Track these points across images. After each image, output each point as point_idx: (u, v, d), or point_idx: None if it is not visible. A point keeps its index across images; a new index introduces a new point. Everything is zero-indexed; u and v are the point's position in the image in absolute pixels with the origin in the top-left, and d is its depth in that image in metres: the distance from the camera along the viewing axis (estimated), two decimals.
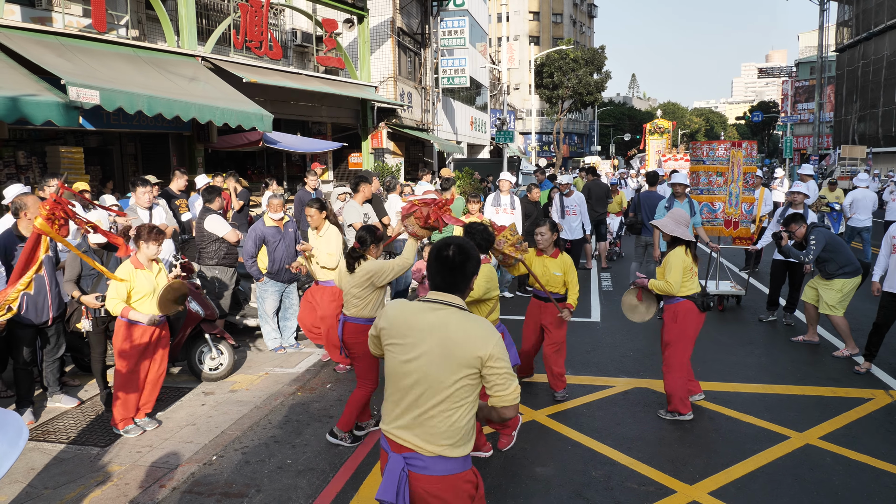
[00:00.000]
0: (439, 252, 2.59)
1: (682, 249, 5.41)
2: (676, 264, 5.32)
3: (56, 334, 5.77)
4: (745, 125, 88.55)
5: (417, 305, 2.60)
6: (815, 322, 7.61)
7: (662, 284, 5.37)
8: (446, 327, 2.50)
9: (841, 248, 7.11)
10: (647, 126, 27.59)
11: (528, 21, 67.69)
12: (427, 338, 2.51)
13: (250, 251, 6.96)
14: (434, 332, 2.51)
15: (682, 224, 5.33)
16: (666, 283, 5.34)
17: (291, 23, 16.95)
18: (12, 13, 10.01)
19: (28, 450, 5.00)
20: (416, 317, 2.56)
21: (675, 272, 5.31)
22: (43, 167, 10.77)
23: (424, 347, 2.51)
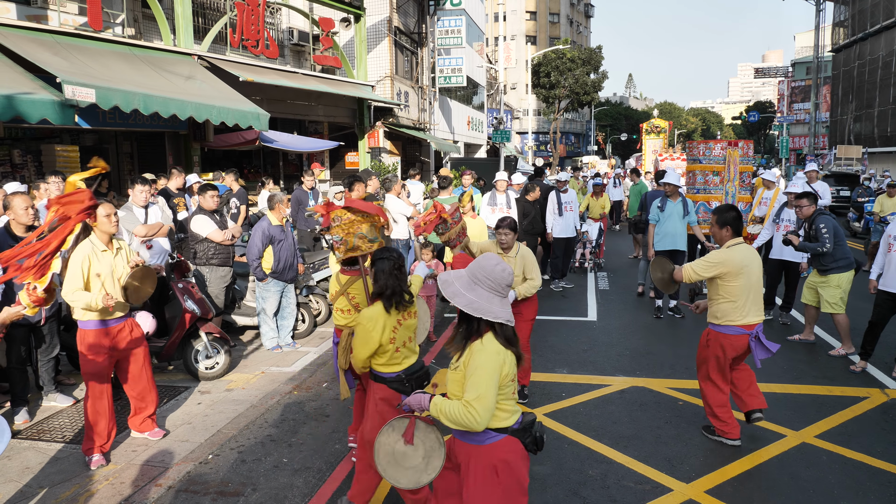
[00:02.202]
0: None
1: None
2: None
3: (50, 333, 5.75)
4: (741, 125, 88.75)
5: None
6: (813, 322, 7.62)
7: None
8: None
9: (842, 239, 7.08)
10: (644, 126, 27.63)
11: (525, 21, 67.73)
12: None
13: (259, 251, 6.91)
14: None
15: (493, 291, 2.78)
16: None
17: (288, 22, 16.93)
18: (8, 11, 9.98)
19: (23, 449, 4.98)
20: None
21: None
22: (38, 166, 10.74)
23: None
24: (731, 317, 4.83)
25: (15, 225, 5.38)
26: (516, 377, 2.86)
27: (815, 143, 50.39)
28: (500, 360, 2.71)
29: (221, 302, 7.23)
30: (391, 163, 20.74)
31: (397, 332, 3.76)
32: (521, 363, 2.83)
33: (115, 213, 4.68)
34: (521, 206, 10.11)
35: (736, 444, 4.96)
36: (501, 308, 2.74)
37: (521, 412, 2.89)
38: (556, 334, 8.12)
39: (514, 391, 2.84)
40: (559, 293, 10.55)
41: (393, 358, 3.79)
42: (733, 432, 4.98)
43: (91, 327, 4.64)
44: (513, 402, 2.83)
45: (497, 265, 2.77)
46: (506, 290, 2.76)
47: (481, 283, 2.74)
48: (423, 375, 3.92)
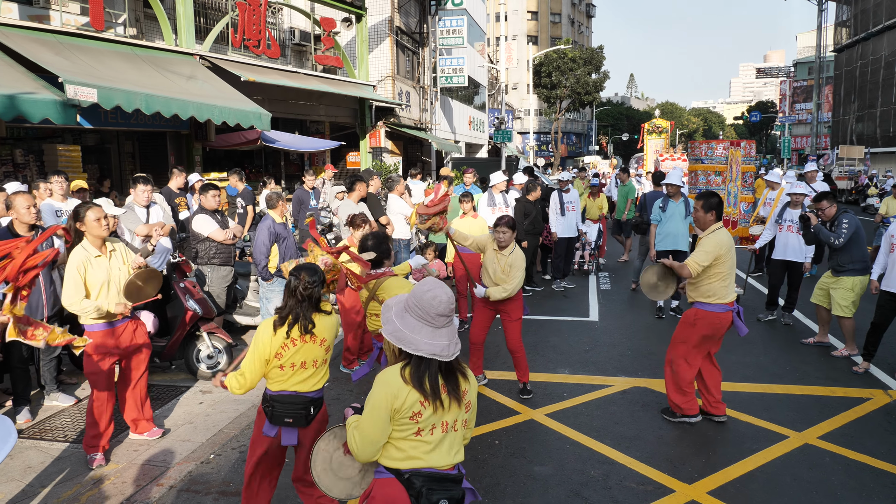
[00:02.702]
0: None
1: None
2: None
3: None
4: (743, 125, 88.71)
5: None
6: (826, 324, 7.48)
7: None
8: None
9: (862, 240, 6.98)
10: (646, 126, 27.61)
11: (527, 21, 67.69)
12: None
13: (266, 248, 6.88)
14: None
15: (422, 320, 2.54)
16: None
17: (290, 21, 16.93)
18: (10, 11, 9.99)
19: (25, 448, 4.98)
20: None
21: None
22: (40, 165, 10.75)
23: None
24: (720, 295, 5.15)
25: (18, 224, 5.38)
26: (442, 422, 2.53)
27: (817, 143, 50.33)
28: (391, 394, 2.45)
29: (223, 301, 7.22)
30: (392, 163, 20.74)
31: (286, 351, 3.37)
32: (443, 403, 2.50)
33: (104, 217, 4.65)
34: (522, 205, 10.10)
35: (696, 420, 5.35)
36: (431, 339, 2.46)
37: (436, 466, 2.54)
38: (557, 334, 8.11)
39: (420, 433, 2.50)
40: (560, 293, 10.54)
41: (274, 374, 3.42)
42: (693, 408, 5.34)
43: (98, 329, 4.64)
44: (422, 445, 2.51)
45: (427, 292, 2.49)
46: (439, 319, 2.48)
47: (411, 311, 2.52)
48: (290, 410, 3.43)
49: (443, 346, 2.47)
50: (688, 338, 5.30)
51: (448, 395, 2.51)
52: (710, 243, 5.11)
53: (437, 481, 2.53)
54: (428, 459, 2.53)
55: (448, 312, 2.51)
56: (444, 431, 2.55)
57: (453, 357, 2.51)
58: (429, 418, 2.49)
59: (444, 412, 2.52)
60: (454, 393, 2.53)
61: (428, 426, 2.50)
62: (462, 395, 2.57)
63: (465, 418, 2.62)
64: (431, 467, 2.54)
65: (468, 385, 2.62)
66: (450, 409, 2.53)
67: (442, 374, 2.52)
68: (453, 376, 2.54)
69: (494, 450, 4.91)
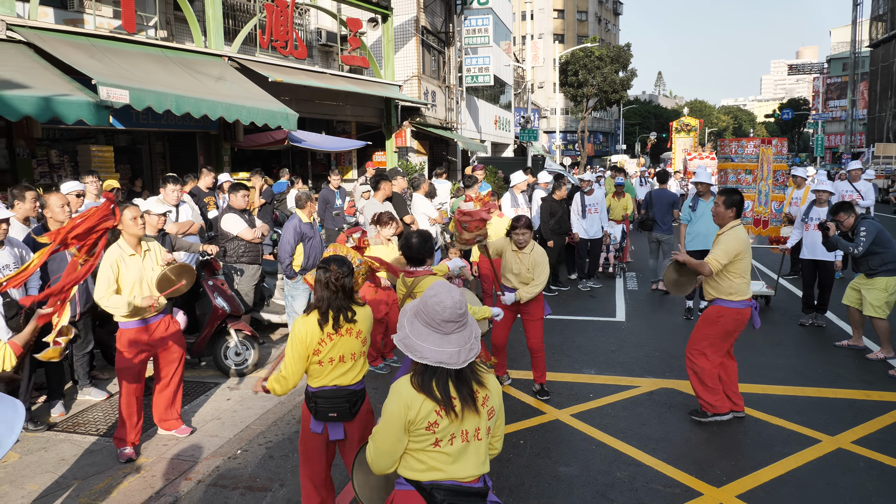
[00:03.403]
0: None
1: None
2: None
3: (85, 329, 5.87)
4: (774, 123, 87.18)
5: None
6: (860, 326, 7.30)
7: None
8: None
9: (889, 243, 6.82)
10: (674, 124, 27.27)
11: (553, 19, 67.35)
12: None
13: (291, 248, 6.95)
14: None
15: (429, 326, 2.49)
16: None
17: (316, 22, 17.05)
18: (46, 15, 10.21)
19: (59, 441, 5.09)
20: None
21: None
22: (74, 166, 10.97)
23: None
24: (742, 291, 5.18)
25: (52, 223, 5.50)
26: (462, 431, 2.41)
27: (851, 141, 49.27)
28: (404, 405, 2.36)
29: (251, 299, 7.31)
30: (418, 162, 20.76)
31: (323, 347, 3.35)
32: (456, 412, 2.39)
33: (141, 216, 4.73)
34: (547, 204, 10.05)
35: (727, 417, 5.33)
36: (438, 346, 2.37)
37: (458, 479, 2.44)
38: (583, 334, 8.06)
39: (439, 443, 2.40)
40: (587, 293, 10.47)
41: (313, 371, 3.41)
42: (724, 405, 5.32)
43: (130, 325, 4.72)
44: (441, 456, 2.41)
45: (433, 297, 2.41)
46: (446, 325, 2.38)
47: (419, 317, 2.43)
48: (333, 405, 3.41)
49: (450, 353, 2.36)
50: (708, 335, 5.28)
51: (462, 404, 2.38)
52: (730, 240, 5.12)
53: (459, 495, 2.42)
54: (449, 471, 2.42)
55: (456, 318, 2.38)
56: (466, 441, 2.42)
57: (464, 364, 2.37)
58: (446, 428, 2.37)
59: (460, 421, 2.39)
60: (468, 401, 2.39)
61: (446, 436, 2.38)
62: (481, 403, 2.44)
63: (488, 426, 2.48)
64: (453, 479, 2.42)
65: (487, 392, 2.47)
66: (466, 417, 2.40)
67: (453, 382, 2.39)
68: (466, 384, 2.41)
69: (519, 449, 4.89)
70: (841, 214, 7.09)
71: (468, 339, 2.41)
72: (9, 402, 1.03)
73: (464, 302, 2.44)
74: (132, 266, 4.67)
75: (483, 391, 2.46)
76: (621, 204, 12.07)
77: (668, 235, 10.26)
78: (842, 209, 7.13)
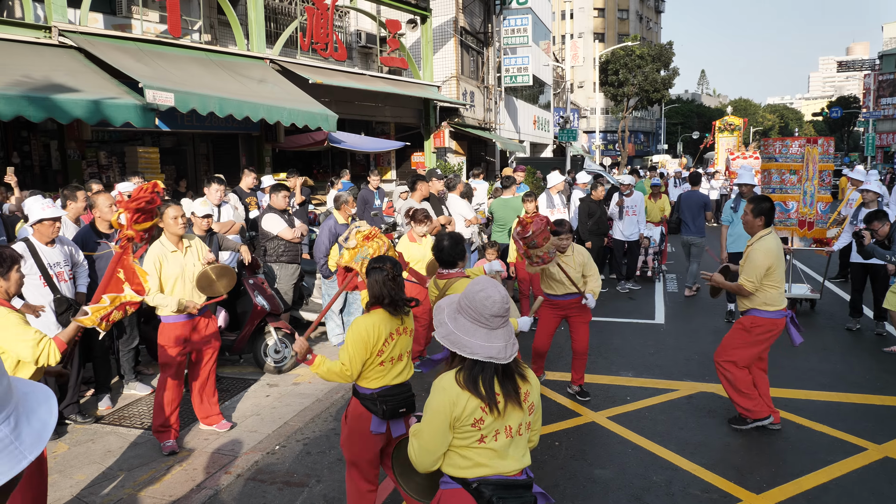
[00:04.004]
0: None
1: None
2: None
3: (131, 325, 6.06)
4: (822, 122, 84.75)
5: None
6: None
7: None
8: None
9: None
10: (717, 123, 26.74)
11: (593, 18, 66.69)
12: None
13: (326, 248, 7.08)
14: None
15: (476, 321, 2.47)
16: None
17: (356, 24, 17.23)
18: (96, 21, 10.55)
19: (105, 433, 5.27)
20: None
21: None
22: (122, 167, 11.31)
23: None
24: (777, 302, 5.04)
25: (100, 222, 5.69)
26: (506, 427, 2.40)
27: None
28: (449, 402, 2.36)
29: (290, 298, 7.43)
30: (456, 162, 20.80)
31: (387, 346, 3.39)
32: (512, 407, 2.39)
33: (182, 215, 4.86)
34: (586, 205, 9.97)
35: (767, 422, 5.14)
36: (486, 342, 2.36)
37: (503, 473, 2.42)
38: (621, 336, 7.98)
39: (484, 439, 2.39)
40: (625, 295, 10.36)
41: (374, 372, 3.43)
42: (762, 409, 5.13)
43: (172, 321, 4.86)
44: (486, 452, 2.40)
45: (480, 292, 2.39)
46: (494, 320, 2.37)
47: (464, 312, 2.41)
48: (401, 400, 3.48)
49: (499, 348, 2.35)
50: (742, 343, 5.16)
51: (505, 399, 2.38)
52: (759, 255, 4.96)
53: (507, 489, 2.41)
54: (495, 466, 2.41)
55: (503, 313, 2.38)
56: (509, 437, 2.41)
57: (510, 359, 2.38)
58: (491, 424, 2.37)
59: (504, 417, 2.38)
60: (512, 396, 2.39)
61: (491, 432, 2.38)
62: (523, 398, 2.44)
63: (528, 421, 2.49)
64: (499, 474, 2.41)
65: (529, 386, 2.48)
66: (510, 413, 2.39)
67: (498, 378, 2.38)
68: (511, 379, 2.41)
69: (554, 451, 4.87)
70: (875, 223, 6.97)
71: (511, 334, 2.42)
72: (47, 406, 1.05)
73: (508, 296, 2.45)
74: (174, 262, 4.81)
75: (525, 386, 2.47)
76: (658, 205, 11.79)
77: (700, 238, 10.08)
78: (876, 217, 7.01)
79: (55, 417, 1.03)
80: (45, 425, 1.00)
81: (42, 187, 8.91)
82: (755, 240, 5.09)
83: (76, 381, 5.45)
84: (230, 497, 4.29)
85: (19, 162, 10.28)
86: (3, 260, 3.33)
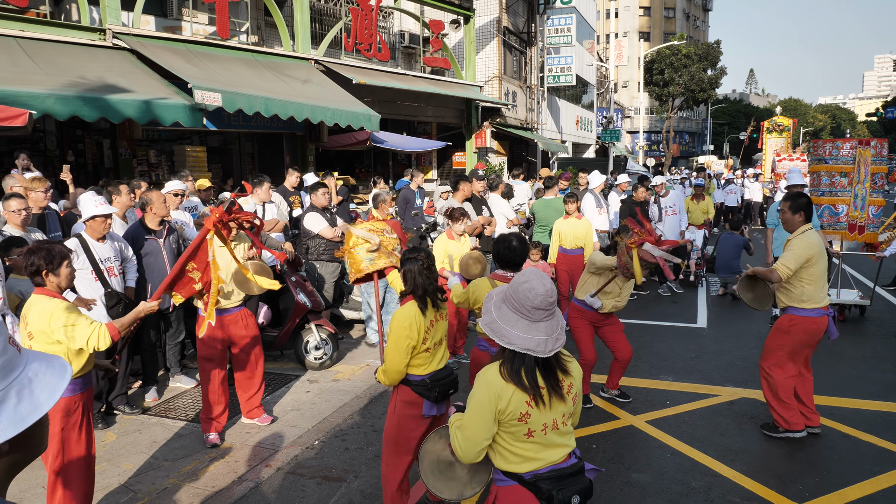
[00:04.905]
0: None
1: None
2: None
3: (177, 320, 6.24)
4: (877, 122, 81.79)
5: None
6: None
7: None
8: None
9: None
10: (765, 124, 26.08)
11: (639, 17, 65.75)
12: None
13: None
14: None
15: (518, 312, 2.50)
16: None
17: (400, 25, 17.35)
18: (148, 23, 10.88)
19: (152, 424, 5.44)
20: None
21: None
22: (171, 165, 11.63)
23: None
24: (816, 299, 4.92)
25: (151, 218, 5.86)
26: (552, 419, 2.43)
27: None
28: (494, 394, 2.37)
29: (331, 296, 7.54)
30: (497, 162, 20.77)
31: (429, 334, 3.52)
32: (552, 402, 2.41)
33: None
34: (627, 206, 9.86)
35: (801, 434, 5.03)
36: (526, 333, 2.36)
37: (554, 463, 2.47)
38: (661, 340, 7.87)
39: (532, 434, 2.41)
40: (668, 298, 10.21)
41: (421, 359, 3.53)
42: (798, 422, 5.03)
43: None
44: (535, 445, 2.43)
45: (524, 283, 2.39)
46: (535, 312, 2.36)
47: (507, 302, 2.43)
48: (449, 383, 3.62)
49: (538, 341, 2.34)
50: (782, 346, 5.04)
51: (549, 392, 2.40)
52: (800, 245, 4.85)
53: (563, 479, 2.44)
54: (546, 458, 2.44)
55: (546, 306, 2.37)
56: (556, 428, 2.44)
57: (551, 354, 2.37)
58: (538, 418, 2.39)
59: (549, 410, 2.40)
60: (555, 390, 2.41)
61: (539, 427, 2.40)
62: (566, 391, 2.45)
63: (572, 411, 2.51)
64: (551, 465, 2.45)
65: (571, 378, 2.49)
66: (554, 406, 2.42)
67: (540, 371, 2.39)
68: (552, 373, 2.42)
69: (592, 454, 4.85)
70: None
71: (555, 329, 2.41)
72: (59, 368, 1.16)
73: (555, 290, 2.44)
74: (221, 256, 4.87)
75: (568, 379, 2.48)
76: (700, 207, 11.41)
77: (734, 276, 9.94)
78: None
79: (54, 397, 1.14)
80: (27, 412, 1.09)
81: (95, 185, 9.22)
82: (797, 234, 4.97)
83: (125, 373, 5.64)
84: (270, 490, 4.39)
85: (74, 160, 10.66)
86: (53, 256, 3.48)
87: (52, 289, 3.51)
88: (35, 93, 7.42)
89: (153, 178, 10.92)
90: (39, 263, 3.45)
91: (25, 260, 3.47)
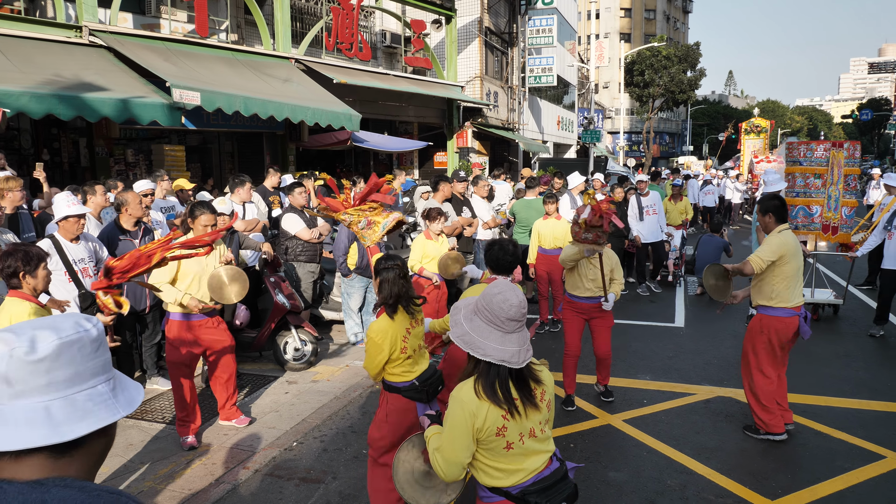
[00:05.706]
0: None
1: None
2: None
3: (153, 321, 6.18)
4: (852, 124, 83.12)
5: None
6: None
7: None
8: None
9: None
10: (743, 125, 26.38)
11: (620, 18, 66.18)
12: None
13: (345, 247, 7.15)
14: None
15: (491, 323, 2.48)
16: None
17: (381, 24, 17.32)
18: (125, 21, 10.75)
19: (128, 427, 5.38)
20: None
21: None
22: (149, 164, 11.51)
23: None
24: (785, 298, 4.95)
25: (126, 219, 5.80)
26: (529, 429, 2.43)
27: None
28: (469, 413, 2.35)
29: (309, 296, 7.51)
30: (479, 162, 20.82)
31: (407, 341, 3.55)
32: (527, 415, 2.42)
33: (213, 224, 4.93)
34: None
35: (782, 437, 5.05)
36: (500, 345, 2.35)
37: (537, 471, 2.47)
38: (640, 339, 7.94)
39: (511, 446, 2.40)
40: (646, 297, 10.30)
41: (404, 366, 3.59)
42: (778, 426, 5.06)
43: (176, 318, 4.91)
44: (515, 456, 2.43)
45: (498, 294, 2.38)
46: (509, 323, 2.36)
47: (480, 314, 2.40)
48: (436, 381, 3.72)
49: (512, 352, 2.35)
50: (756, 347, 5.10)
51: (522, 403, 2.40)
52: (775, 241, 4.92)
53: (549, 489, 2.45)
54: (528, 466, 2.45)
55: (519, 317, 2.38)
56: (533, 436, 2.45)
57: (523, 364, 2.38)
58: (514, 429, 2.39)
59: (524, 419, 2.41)
60: (529, 400, 2.42)
61: (516, 437, 2.40)
62: (539, 399, 2.46)
63: (548, 418, 2.52)
64: (535, 473, 2.46)
65: (544, 386, 2.50)
66: (531, 415, 2.43)
67: (513, 382, 2.40)
68: (525, 384, 2.42)
69: (569, 453, 4.88)
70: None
71: (526, 340, 2.43)
72: (136, 387, 1.34)
73: (525, 301, 2.45)
74: (195, 260, 4.81)
75: (540, 388, 2.48)
76: (678, 208, 11.48)
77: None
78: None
79: (142, 395, 1.28)
80: (133, 398, 1.26)
81: (71, 184, 9.11)
82: (773, 233, 5.02)
83: None
84: (248, 492, 4.38)
85: (49, 159, 10.52)
86: (30, 258, 3.44)
87: (28, 291, 3.47)
88: (9, 90, 7.31)
89: (131, 178, 10.80)
90: (17, 266, 3.41)
91: (2, 262, 3.43)
